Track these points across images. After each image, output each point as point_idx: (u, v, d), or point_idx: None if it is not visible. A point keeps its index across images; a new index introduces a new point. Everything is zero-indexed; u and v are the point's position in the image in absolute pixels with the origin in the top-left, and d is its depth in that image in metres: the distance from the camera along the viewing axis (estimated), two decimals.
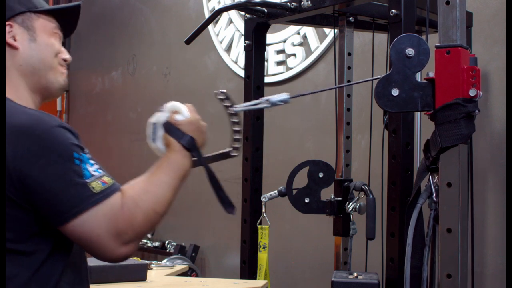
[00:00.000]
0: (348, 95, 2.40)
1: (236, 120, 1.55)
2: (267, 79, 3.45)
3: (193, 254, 3.95)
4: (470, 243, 1.44)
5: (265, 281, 2.21)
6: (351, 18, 2.37)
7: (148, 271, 2.32)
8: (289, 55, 3.57)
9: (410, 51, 1.42)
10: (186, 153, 1.45)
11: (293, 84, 3.55)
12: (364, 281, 1.84)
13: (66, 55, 1.55)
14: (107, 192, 1.31)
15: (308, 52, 3.46)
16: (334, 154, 2.39)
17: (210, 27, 4.02)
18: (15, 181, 1.30)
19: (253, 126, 2.31)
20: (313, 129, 3.39)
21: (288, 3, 2.15)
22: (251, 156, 2.32)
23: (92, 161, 1.34)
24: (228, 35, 3.98)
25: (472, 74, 1.37)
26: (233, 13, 3.93)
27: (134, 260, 2.38)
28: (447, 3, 1.40)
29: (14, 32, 1.48)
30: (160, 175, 1.41)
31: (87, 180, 1.30)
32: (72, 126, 1.40)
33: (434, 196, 1.46)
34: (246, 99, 2.32)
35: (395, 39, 1.44)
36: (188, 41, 2.35)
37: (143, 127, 1.50)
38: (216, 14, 2.29)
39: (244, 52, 2.37)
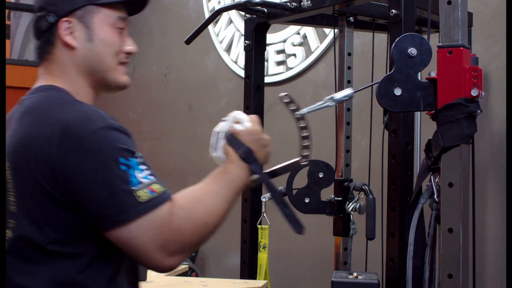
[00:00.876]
0: None
1: (303, 125, 1.48)
2: (267, 79, 3.45)
3: (193, 254, 3.94)
4: (471, 243, 1.44)
5: (265, 281, 2.20)
6: (351, 18, 2.37)
7: (148, 271, 2.32)
8: (289, 55, 3.56)
9: (412, 51, 1.42)
10: (243, 165, 1.38)
11: (293, 84, 3.55)
12: (364, 281, 1.84)
13: (129, 46, 1.48)
14: (154, 202, 1.23)
15: (308, 52, 3.46)
16: (334, 154, 2.39)
17: (210, 27, 4.02)
18: (60, 180, 1.25)
19: None
20: (313, 129, 3.38)
21: (288, 3, 2.15)
22: None
23: (142, 166, 1.26)
24: (228, 35, 3.98)
25: (474, 74, 1.37)
26: (233, 13, 3.93)
27: None
28: (449, 3, 1.40)
29: (73, 28, 1.40)
30: (214, 186, 1.33)
31: (134, 188, 1.22)
32: None
33: (435, 196, 1.46)
34: (246, 99, 2.31)
35: (398, 39, 1.43)
36: (188, 41, 2.35)
37: (143, 127, 1.50)
38: (216, 14, 2.29)
39: (244, 52, 2.37)
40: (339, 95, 1.50)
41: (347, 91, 1.49)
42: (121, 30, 1.46)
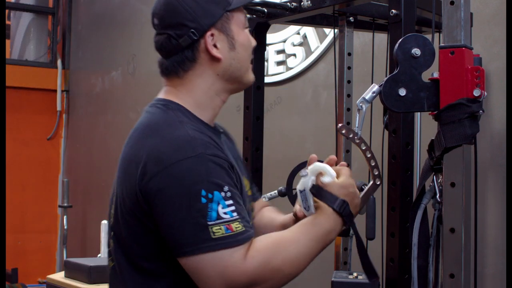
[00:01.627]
0: (348, 95, 2.40)
1: (365, 147, 1.49)
2: (267, 79, 3.45)
3: None
4: (473, 243, 1.44)
5: None
6: (351, 18, 2.37)
7: None
8: (289, 55, 3.56)
9: (416, 51, 1.42)
10: (337, 218, 1.36)
11: (293, 84, 3.54)
12: (364, 281, 1.84)
13: (254, 42, 1.49)
14: (228, 241, 1.21)
15: (308, 52, 3.46)
16: (334, 154, 2.39)
17: None
18: (141, 203, 1.27)
19: (253, 126, 2.31)
20: (313, 129, 3.39)
21: (288, 3, 2.15)
22: (251, 156, 2.32)
23: (228, 201, 1.23)
24: None
25: (476, 74, 1.37)
26: None
27: None
28: (452, 3, 1.40)
29: (216, 39, 1.40)
30: (301, 236, 1.31)
31: (210, 222, 1.21)
32: (72, 126, 1.39)
33: (437, 196, 1.46)
34: (246, 99, 2.31)
35: (401, 39, 1.44)
36: None
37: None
38: None
39: None
40: (368, 94, 1.47)
41: (373, 88, 1.46)
42: (247, 28, 1.47)
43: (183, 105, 1.41)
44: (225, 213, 1.22)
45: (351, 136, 1.49)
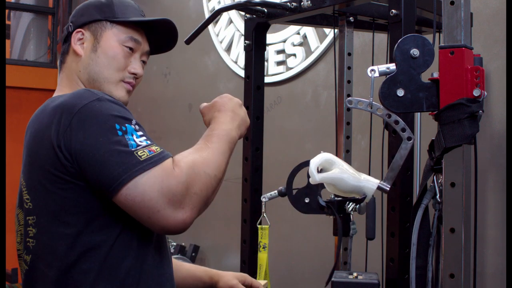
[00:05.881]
0: (348, 95, 2.40)
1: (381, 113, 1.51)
2: (267, 79, 3.45)
3: (193, 254, 3.94)
4: (473, 243, 1.44)
5: (265, 281, 2.20)
6: (351, 18, 2.37)
7: None
8: (289, 55, 3.56)
9: (415, 52, 1.42)
10: (229, 117, 1.51)
11: (293, 84, 3.54)
12: (364, 281, 1.84)
13: (134, 68, 1.55)
14: (155, 159, 1.30)
15: (308, 52, 3.46)
16: (335, 154, 2.39)
17: (210, 27, 4.02)
18: (62, 158, 1.32)
19: (253, 126, 2.31)
20: (313, 129, 3.39)
21: (288, 3, 2.15)
22: (251, 156, 2.32)
23: (139, 132, 1.34)
24: (228, 35, 3.98)
25: (476, 74, 1.37)
26: (233, 13, 3.93)
27: None
28: (452, 3, 1.40)
29: (84, 39, 1.52)
30: (205, 142, 1.43)
31: (133, 149, 1.30)
32: None
33: (438, 196, 1.46)
34: (246, 99, 2.31)
35: (400, 40, 1.44)
36: (188, 41, 2.35)
37: (143, 127, 1.50)
38: (216, 14, 2.29)
39: (244, 52, 2.37)
40: (383, 68, 1.48)
41: (390, 65, 1.47)
42: (131, 50, 1.54)
43: None
44: (140, 141, 1.33)
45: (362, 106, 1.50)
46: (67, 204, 1.34)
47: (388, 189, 1.48)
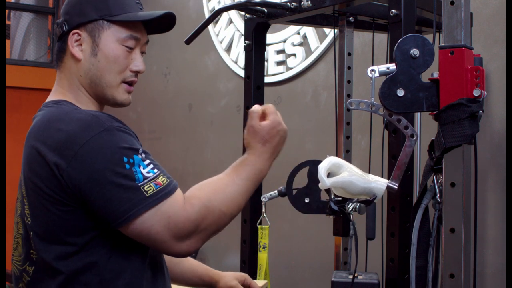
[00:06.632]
0: (348, 95, 2.40)
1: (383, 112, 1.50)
2: (267, 79, 3.45)
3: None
4: (473, 243, 1.44)
5: (265, 281, 2.20)
6: (351, 18, 2.37)
7: None
8: (289, 55, 3.56)
9: (415, 52, 1.42)
10: (267, 156, 1.43)
11: (293, 84, 3.55)
12: (364, 281, 1.84)
13: (136, 66, 1.49)
14: (161, 194, 1.29)
15: (308, 52, 3.46)
16: (334, 154, 2.39)
17: (210, 27, 4.02)
18: (66, 186, 1.30)
19: None
20: (313, 129, 3.39)
21: (288, 3, 2.15)
22: None
23: (145, 162, 1.31)
24: (228, 35, 3.98)
25: (476, 74, 1.37)
26: (233, 13, 3.93)
27: None
28: (452, 3, 1.40)
29: (82, 40, 1.45)
30: (233, 177, 1.38)
31: (139, 184, 1.28)
32: None
33: (438, 196, 1.46)
34: (246, 99, 2.31)
35: (400, 40, 1.44)
36: (188, 41, 2.35)
37: (143, 127, 1.50)
38: (216, 14, 2.29)
39: (244, 52, 2.37)
40: (383, 68, 1.48)
41: (390, 65, 1.47)
42: (131, 49, 1.48)
43: (70, 101, 1.46)
44: (147, 172, 1.30)
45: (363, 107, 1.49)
46: (67, 224, 1.33)
47: (396, 187, 1.48)
